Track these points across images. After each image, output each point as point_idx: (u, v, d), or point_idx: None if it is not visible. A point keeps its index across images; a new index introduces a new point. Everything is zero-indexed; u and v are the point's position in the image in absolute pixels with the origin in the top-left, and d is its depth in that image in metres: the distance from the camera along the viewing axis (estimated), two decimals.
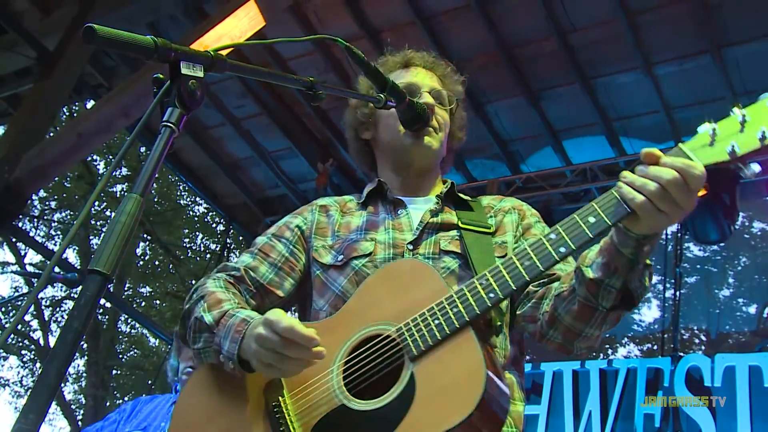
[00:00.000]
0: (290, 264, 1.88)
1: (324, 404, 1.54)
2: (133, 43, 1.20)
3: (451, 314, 1.48)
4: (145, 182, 1.13)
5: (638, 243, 1.40)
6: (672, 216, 1.33)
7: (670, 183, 1.31)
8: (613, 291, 1.45)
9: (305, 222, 1.96)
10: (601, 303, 1.47)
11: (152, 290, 19.02)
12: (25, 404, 0.95)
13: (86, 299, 1.01)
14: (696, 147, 1.37)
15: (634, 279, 1.45)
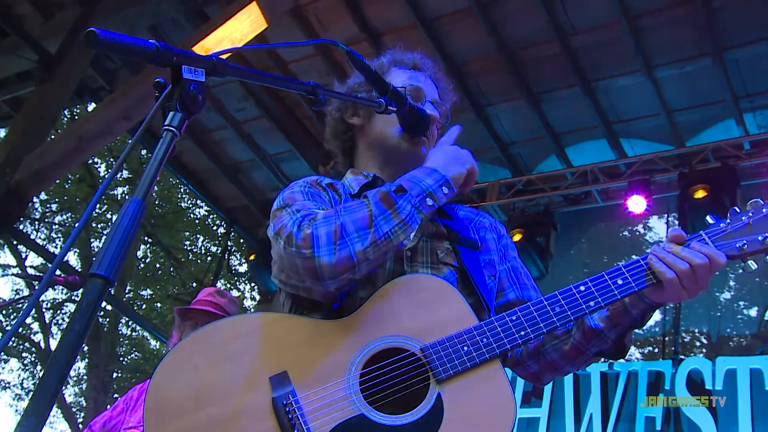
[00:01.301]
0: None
1: (340, 410, 1.48)
2: (135, 47, 1.20)
3: (481, 344, 1.54)
4: (147, 186, 1.13)
5: (649, 308, 1.61)
6: (691, 292, 1.55)
7: (700, 266, 1.53)
8: (608, 342, 1.65)
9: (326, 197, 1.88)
10: (591, 349, 1.67)
11: (153, 293, 19.02)
12: (26, 407, 0.95)
13: (87, 303, 1.01)
14: (715, 237, 1.62)
15: (630, 335, 1.66)
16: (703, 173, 6.45)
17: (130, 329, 18.80)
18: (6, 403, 19.25)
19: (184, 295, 17.97)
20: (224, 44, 5.73)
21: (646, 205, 6.58)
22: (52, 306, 18.00)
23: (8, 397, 18.66)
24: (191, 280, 17.88)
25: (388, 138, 1.90)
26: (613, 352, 1.68)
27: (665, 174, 6.83)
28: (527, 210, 7.43)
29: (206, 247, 18.65)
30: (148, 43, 1.22)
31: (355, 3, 6.76)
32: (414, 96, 1.90)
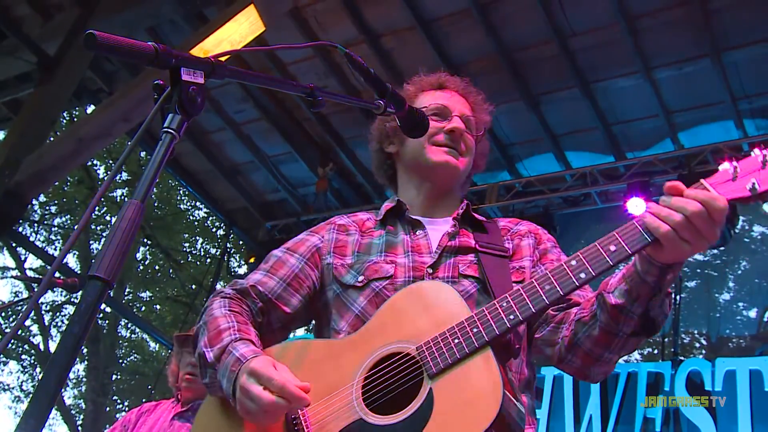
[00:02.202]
0: (299, 280, 1.88)
1: (343, 418, 1.57)
2: (134, 49, 1.21)
3: (471, 334, 1.53)
4: (146, 188, 1.13)
5: (661, 272, 1.46)
6: (695, 246, 1.41)
7: (695, 214, 1.38)
8: (634, 317, 1.52)
9: (322, 240, 1.95)
10: (622, 329, 1.54)
11: (152, 295, 19.02)
12: (25, 409, 0.95)
13: (87, 305, 1.01)
14: (718, 183, 1.44)
15: (655, 306, 1.51)
16: (702, 175, 6.41)
17: (129, 331, 18.80)
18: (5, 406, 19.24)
19: (183, 296, 17.97)
20: (223, 46, 5.73)
21: (646, 208, 6.58)
22: (51, 308, 18.00)
23: (7, 399, 18.66)
24: (190, 282, 17.88)
25: (418, 155, 1.98)
26: (643, 328, 1.54)
27: (664, 176, 6.84)
28: (526, 212, 7.43)
29: (205, 248, 18.66)
30: (146, 46, 1.23)
31: (354, 4, 6.76)
32: (440, 114, 1.98)
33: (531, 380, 1.79)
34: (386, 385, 1.57)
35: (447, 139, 1.95)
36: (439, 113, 1.99)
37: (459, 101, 2.05)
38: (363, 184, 8.55)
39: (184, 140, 7.48)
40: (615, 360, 1.62)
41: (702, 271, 14.86)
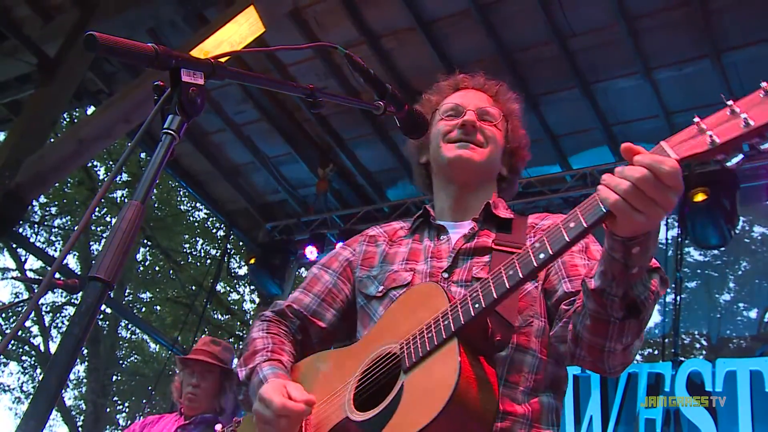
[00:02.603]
0: (333, 295, 1.95)
1: (333, 418, 1.65)
2: (134, 50, 1.21)
3: (442, 326, 1.52)
4: (146, 189, 1.13)
5: (625, 246, 1.35)
6: (650, 215, 1.28)
7: (641, 180, 1.27)
8: (616, 300, 1.41)
9: (353, 254, 2.01)
10: (611, 314, 1.43)
11: (152, 296, 19.03)
12: (26, 410, 0.95)
13: (87, 306, 1.01)
14: (677, 142, 1.33)
15: (635, 285, 1.40)
16: (702, 176, 6.45)
17: (129, 332, 18.82)
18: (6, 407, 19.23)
19: (183, 297, 17.97)
20: (223, 47, 5.74)
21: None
22: (51, 309, 18.01)
23: (8, 400, 18.65)
24: (191, 282, 17.89)
25: (436, 156, 1.99)
26: (628, 311, 1.43)
27: None
28: (526, 212, 7.42)
29: (206, 249, 18.68)
30: (146, 47, 1.23)
31: (354, 5, 6.76)
32: (455, 112, 2.00)
33: (558, 380, 1.73)
34: (373, 384, 1.62)
35: (460, 134, 1.94)
36: (453, 113, 2.00)
37: (474, 96, 2.04)
38: (363, 184, 8.55)
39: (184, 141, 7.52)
40: (620, 349, 1.48)
41: (702, 272, 14.88)
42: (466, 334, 1.51)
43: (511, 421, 1.60)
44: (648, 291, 1.42)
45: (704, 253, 14.22)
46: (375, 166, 8.39)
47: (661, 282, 1.45)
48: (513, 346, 1.67)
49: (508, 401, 1.62)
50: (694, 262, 14.47)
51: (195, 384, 3.68)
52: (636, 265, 1.37)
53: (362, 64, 1.71)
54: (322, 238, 8.34)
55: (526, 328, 1.70)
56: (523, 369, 1.67)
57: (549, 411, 1.68)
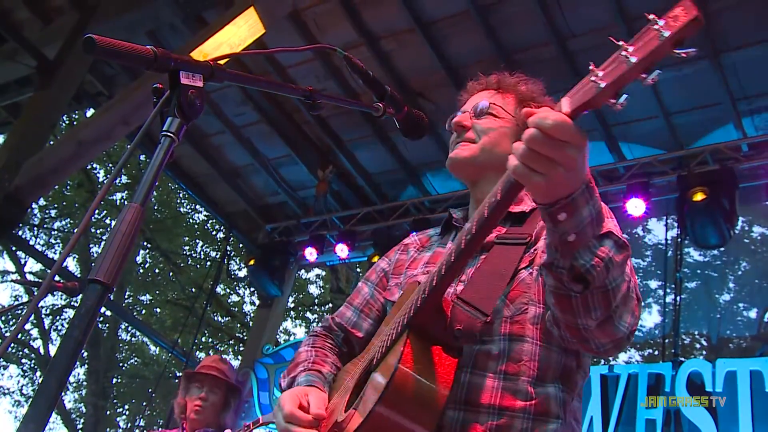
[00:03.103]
0: (369, 305, 2.00)
1: (331, 422, 1.68)
2: (133, 53, 1.21)
3: (401, 321, 1.55)
4: (146, 192, 1.13)
5: (549, 214, 1.30)
6: (548, 175, 1.23)
7: (530, 140, 1.23)
8: (564, 272, 1.34)
9: (389, 263, 2.05)
10: (568, 287, 1.36)
11: (152, 298, 19.02)
12: (25, 413, 0.95)
13: (87, 309, 1.01)
14: (573, 93, 1.31)
15: (578, 254, 1.31)
16: (701, 176, 6.46)
17: (129, 335, 18.81)
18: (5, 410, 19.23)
19: (183, 300, 17.97)
20: (222, 49, 5.74)
21: (645, 208, 6.58)
22: (51, 312, 18.00)
23: (8, 403, 18.64)
24: (190, 285, 17.89)
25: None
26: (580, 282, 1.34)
27: (664, 177, 6.84)
28: None
29: (205, 251, 18.67)
30: (145, 49, 1.23)
31: (353, 7, 6.77)
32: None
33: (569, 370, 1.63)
34: (360, 387, 1.65)
35: (453, 138, 1.94)
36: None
37: (476, 97, 1.99)
38: (363, 186, 8.55)
39: (184, 143, 7.53)
40: (594, 325, 1.39)
41: (702, 272, 14.88)
42: (418, 325, 1.51)
43: (509, 416, 1.52)
44: (595, 258, 1.31)
45: (704, 254, 14.23)
46: (374, 167, 8.39)
47: (616, 247, 1.34)
48: (505, 336, 1.60)
49: (507, 396, 1.54)
50: (694, 262, 14.48)
51: (203, 397, 3.83)
52: (570, 232, 1.29)
53: (361, 65, 1.71)
54: (321, 240, 8.34)
55: (520, 315, 1.62)
56: (522, 358, 1.59)
57: (557, 404, 1.57)
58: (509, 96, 1.96)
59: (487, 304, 1.57)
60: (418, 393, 1.43)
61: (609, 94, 1.25)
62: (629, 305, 1.42)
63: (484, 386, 1.55)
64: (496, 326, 1.60)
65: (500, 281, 1.61)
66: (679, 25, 1.16)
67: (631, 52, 1.23)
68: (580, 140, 1.23)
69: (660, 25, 1.18)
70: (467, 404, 1.53)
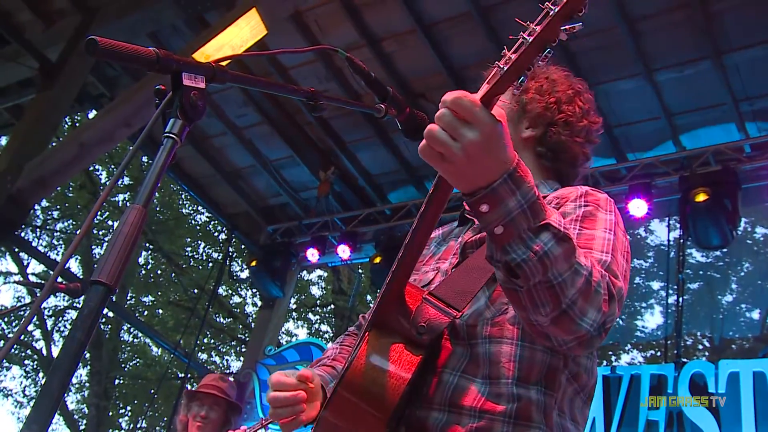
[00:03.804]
0: None
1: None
2: (135, 54, 1.21)
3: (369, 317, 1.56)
4: (148, 193, 1.13)
5: (471, 205, 1.26)
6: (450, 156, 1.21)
7: (437, 116, 1.23)
8: (500, 266, 1.29)
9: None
10: (513, 282, 1.30)
11: (154, 299, 19.02)
12: (28, 415, 0.95)
13: (89, 310, 1.01)
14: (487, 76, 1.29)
15: (511, 247, 1.25)
16: (704, 176, 6.45)
17: (131, 336, 18.80)
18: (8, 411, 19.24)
19: (185, 301, 17.98)
20: (224, 51, 5.75)
21: (648, 209, 6.57)
22: (54, 313, 18.01)
23: (10, 404, 18.64)
24: (193, 286, 17.89)
25: None
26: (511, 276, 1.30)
27: (666, 177, 6.83)
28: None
29: (207, 253, 18.67)
30: (148, 51, 1.23)
31: (355, 9, 6.78)
32: None
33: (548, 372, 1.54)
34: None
35: None
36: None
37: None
38: (365, 187, 8.55)
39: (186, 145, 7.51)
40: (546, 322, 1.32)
41: (704, 273, 14.86)
42: (380, 322, 1.51)
43: (488, 419, 1.47)
44: (529, 252, 1.24)
45: (706, 255, 14.20)
46: (376, 168, 8.39)
47: (555, 240, 1.26)
48: (486, 338, 1.55)
49: (488, 399, 1.49)
50: (696, 263, 14.45)
51: (203, 416, 3.99)
52: (496, 224, 1.24)
53: (363, 66, 1.71)
54: (323, 241, 8.34)
55: (500, 316, 1.56)
56: (501, 360, 1.53)
57: (538, 409, 1.50)
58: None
59: (460, 300, 1.54)
60: (366, 390, 1.42)
61: (512, 78, 1.24)
62: (593, 300, 1.33)
63: (468, 389, 1.51)
64: (480, 329, 1.56)
65: (480, 276, 1.57)
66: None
67: (528, 32, 1.25)
68: (482, 122, 1.19)
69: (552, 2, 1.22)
70: (451, 406, 1.50)
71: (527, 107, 1.83)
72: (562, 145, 1.89)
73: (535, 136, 1.87)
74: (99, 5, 7.09)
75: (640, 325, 15.57)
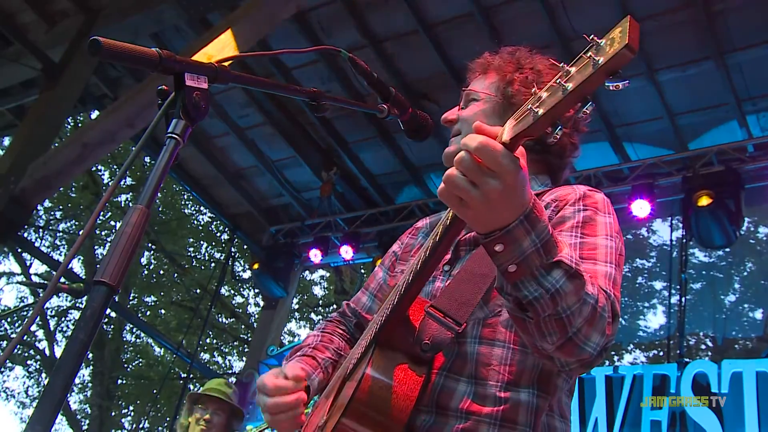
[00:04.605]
0: (383, 290, 1.95)
1: (319, 419, 1.67)
2: (138, 55, 1.21)
3: (370, 333, 1.54)
4: (151, 193, 1.13)
5: (485, 244, 1.24)
6: (471, 203, 1.18)
7: (457, 161, 1.17)
8: (510, 299, 1.30)
9: (400, 246, 2.00)
10: (520, 313, 1.31)
11: (157, 300, 19.04)
12: (31, 415, 0.95)
13: (92, 310, 1.01)
14: (516, 118, 1.17)
15: (523, 284, 1.25)
16: (706, 177, 6.44)
17: (134, 336, 18.82)
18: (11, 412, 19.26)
19: (187, 301, 17.99)
20: (227, 51, 5.75)
21: (650, 209, 6.57)
22: (56, 313, 18.03)
23: (13, 405, 18.67)
24: (195, 286, 17.90)
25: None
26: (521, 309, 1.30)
27: (669, 178, 6.83)
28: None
29: (210, 253, 18.67)
30: (150, 51, 1.23)
31: (358, 9, 6.78)
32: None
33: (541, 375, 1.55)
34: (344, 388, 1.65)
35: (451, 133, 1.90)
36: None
37: (470, 84, 1.93)
38: (367, 187, 8.55)
39: (188, 145, 7.52)
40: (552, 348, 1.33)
41: (707, 273, 14.82)
42: (386, 339, 1.48)
43: (474, 421, 1.48)
44: (541, 290, 1.24)
45: (709, 255, 14.18)
46: (379, 169, 8.39)
47: (567, 277, 1.25)
48: (476, 339, 1.55)
49: (475, 400, 1.49)
50: (699, 263, 14.42)
51: (207, 419, 4.00)
52: (509, 263, 1.23)
53: (366, 67, 1.71)
54: (326, 241, 8.35)
55: (493, 318, 1.56)
56: (491, 362, 1.53)
57: (526, 411, 1.51)
58: (490, 74, 1.87)
59: (462, 312, 1.53)
60: (376, 414, 1.41)
61: (545, 125, 1.13)
62: (597, 326, 1.33)
63: (456, 390, 1.51)
64: (469, 328, 1.55)
65: (481, 284, 1.56)
66: (611, 53, 1.07)
67: (566, 79, 1.14)
68: (506, 172, 1.15)
69: (595, 51, 1.10)
70: (438, 407, 1.50)
71: (512, 100, 1.79)
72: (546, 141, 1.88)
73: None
74: (102, 6, 7.10)
75: (642, 325, 15.54)
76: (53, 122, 6.97)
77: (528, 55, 1.86)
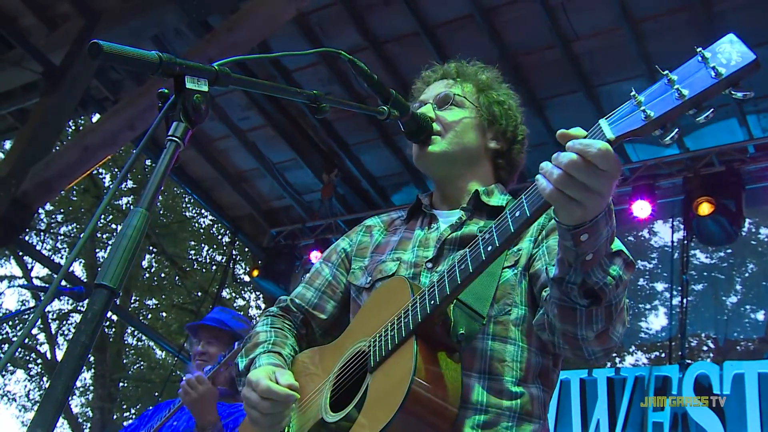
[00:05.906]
0: (332, 287, 1.95)
1: (312, 418, 1.65)
2: (138, 58, 1.22)
3: (402, 324, 1.52)
4: (151, 196, 1.13)
5: (572, 234, 1.27)
6: (585, 202, 1.22)
7: (570, 166, 1.20)
8: (574, 287, 1.34)
9: (350, 244, 2.00)
10: (575, 301, 1.37)
11: (158, 302, 19.04)
12: (33, 418, 0.95)
13: (93, 313, 1.01)
14: (617, 119, 1.24)
15: (592, 271, 1.32)
16: (707, 177, 6.44)
17: (135, 339, 18.82)
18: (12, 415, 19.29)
19: (189, 304, 17.99)
20: (227, 54, 5.75)
21: (651, 210, 6.56)
22: (58, 316, 18.04)
23: (14, 408, 18.67)
24: (196, 289, 17.90)
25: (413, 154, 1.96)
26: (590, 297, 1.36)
27: (670, 179, 6.82)
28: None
29: (211, 256, 18.67)
30: (151, 54, 1.24)
31: (358, 11, 6.78)
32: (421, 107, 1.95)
33: (546, 370, 1.67)
34: (347, 383, 1.63)
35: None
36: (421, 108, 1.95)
37: (436, 86, 2.02)
38: (368, 189, 8.55)
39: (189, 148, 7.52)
40: (593, 336, 1.40)
41: (709, 274, 14.82)
42: (424, 330, 1.50)
43: (495, 413, 1.55)
44: (608, 276, 1.33)
45: (711, 256, 14.18)
46: (379, 170, 8.39)
47: (625, 266, 1.37)
48: (488, 336, 1.61)
49: (491, 394, 1.57)
50: (701, 264, 14.41)
51: (201, 351, 3.42)
52: (588, 252, 1.29)
53: (366, 69, 1.71)
54: (327, 244, 8.33)
55: (503, 317, 1.63)
56: (504, 359, 1.60)
57: (538, 404, 1.62)
58: (469, 85, 2.00)
59: (481, 306, 1.58)
60: (433, 403, 1.44)
61: (655, 127, 1.24)
62: (623, 316, 1.45)
63: (470, 385, 1.56)
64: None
65: (491, 281, 1.61)
66: (737, 67, 1.20)
67: (681, 87, 1.25)
68: (615, 170, 1.22)
69: (711, 63, 1.20)
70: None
71: (496, 122, 1.93)
72: (519, 161, 2.00)
73: (500, 149, 1.94)
74: (102, 9, 7.10)
75: (644, 326, 15.53)
76: (54, 125, 6.97)
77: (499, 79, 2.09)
